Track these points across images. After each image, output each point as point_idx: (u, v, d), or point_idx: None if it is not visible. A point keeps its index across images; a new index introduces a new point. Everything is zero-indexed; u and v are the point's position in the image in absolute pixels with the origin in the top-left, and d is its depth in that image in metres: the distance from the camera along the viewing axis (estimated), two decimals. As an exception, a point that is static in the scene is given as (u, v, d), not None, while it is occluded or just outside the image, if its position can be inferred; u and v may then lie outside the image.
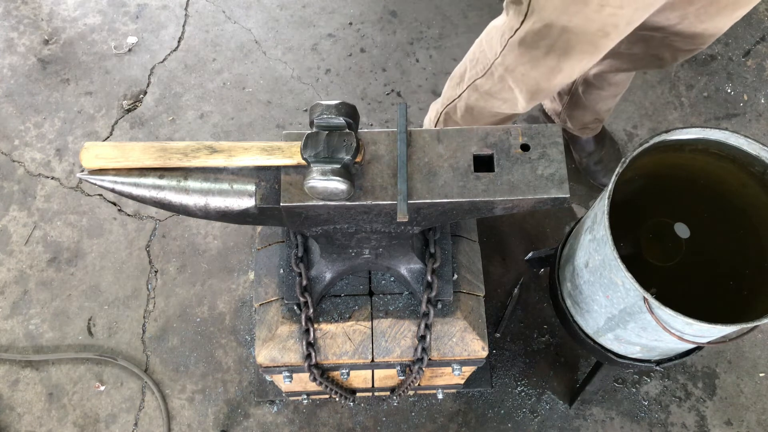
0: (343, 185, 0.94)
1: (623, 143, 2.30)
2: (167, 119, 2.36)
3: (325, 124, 0.99)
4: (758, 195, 1.30)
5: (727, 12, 1.34)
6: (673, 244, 1.52)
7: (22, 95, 2.40)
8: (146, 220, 2.19)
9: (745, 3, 1.32)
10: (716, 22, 1.38)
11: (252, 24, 2.53)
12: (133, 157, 1.01)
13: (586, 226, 1.37)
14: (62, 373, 2.00)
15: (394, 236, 1.15)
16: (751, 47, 2.46)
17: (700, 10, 1.35)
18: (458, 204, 1.01)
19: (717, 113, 2.35)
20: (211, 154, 1.02)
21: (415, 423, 1.93)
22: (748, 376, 1.98)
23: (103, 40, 2.50)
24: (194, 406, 1.95)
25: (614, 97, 1.89)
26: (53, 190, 2.25)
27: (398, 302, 1.35)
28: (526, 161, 1.02)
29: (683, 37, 1.43)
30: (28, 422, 1.94)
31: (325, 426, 1.93)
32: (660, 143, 1.25)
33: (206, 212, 1.06)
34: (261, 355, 1.36)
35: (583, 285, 1.40)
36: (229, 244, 2.15)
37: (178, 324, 2.05)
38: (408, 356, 1.37)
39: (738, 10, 1.34)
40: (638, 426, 1.93)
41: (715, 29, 1.40)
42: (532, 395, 1.97)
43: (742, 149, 1.25)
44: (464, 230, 1.45)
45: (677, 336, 1.21)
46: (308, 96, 2.39)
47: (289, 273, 1.34)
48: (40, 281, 2.11)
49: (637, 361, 1.49)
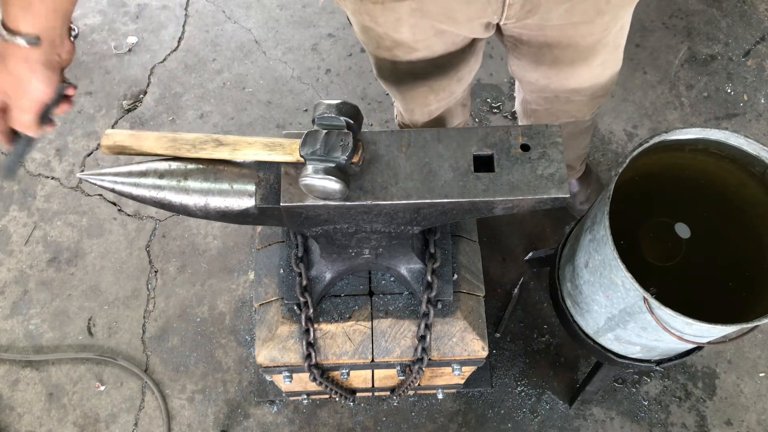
0: (337, 185, 0.94)
1: (623, 143, 2.30)
2: (167, 119, 2.36)
3: (325, 123, 0.99)
4: (758, 195, 1.30)
5: (579, 65, 1.34)
6: (673, 244, 1.52)
7: (22, 95, 2.40)
8: (146, 220, 2.19)
9: (588, 54, 1.31)
10: (576, 77, 1.39)
11: (252, 24, 2.53)
12: (147, 146, 1.04)
13: (586, 226, 1.37)
14: (62, 373, 2.00)
15: (394, 236, 1.15)
16: (751, 47, 2.46)
17: (553, 69, 1.36)
18: (458, 204, 1.01)
19: (717, 113, 2.35)
20: (217, 147, 1.03)
21: (415, 423, 1.93)
22: (748, 376, 1.98)
23: (103, 40, 2.50)
24: (194, 406, 1.95)
25: (570, 149, 1.88)
26: (53, 190, 2.25)
27: (398, 302, 1.35)
28: (526, 161, 1.02)
29: (565, 92, 1.46)
30: (28, 422, 1.94)
31: (325, 426, 1.93)
32: (660, 143, 1.25)
33: (206, 212, 1.06)
34: (261, 355, 1.36)
35: (583, 285, 1.40)
36: (229, 244, 2.15)
37: (178, 324, 2.05)
38: (408, 356, 1.37)
39: (588, 61, 1.33)
40: (638, 426, 1.93)
41: (584, 84, 1.41)
42: (532, 395, 1.97)
43: (742, 149, 1.25)
44: (464, 230, 1.45)
45: (677, 336, 1.21)
46: (308, 96, 2.39)
47: (289, 273, 1.34)
48: (40, 281, 2.12)
49: (637, 361, 1.49)
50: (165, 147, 1.04)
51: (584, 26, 1.21)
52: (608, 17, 1.20)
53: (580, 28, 1.21)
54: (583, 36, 1.24)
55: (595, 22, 1.20)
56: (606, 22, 1.22)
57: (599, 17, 1.19)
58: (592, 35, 1.25)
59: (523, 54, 1.36)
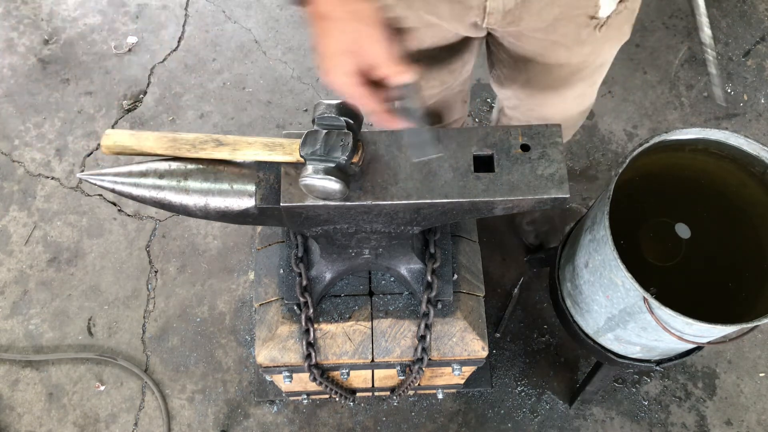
0: (336, 185, 0.94)
1: (623, 143, 2.30)
2: (167, 119, 2.36)
3: (325, 123, 0.99)
4: (758, 195, 1.30)
5: (550, 94, 1.35)
6: (673, 244, 1.52)
7: (22, 95, 2.40)
8: (146, 220, 2.19)
9: (564, 86, 1.32)
10: (547, 107, 1.40)
11: (252, 24, 2.53)
12: (147, 146, 1.04)
13: (586, 226, 1.37)
14: (62, 373, 2.00)
15: (394, 236, 1.15)
16: (751, 47, 2.46)
17: (525, 91, 1.37)
18: (458, 204, 1.01)
19: (717, 113, 2.35)
20: (217, 147, 1.03)
21: (415, 423, 1.93)
22: (748, 376, 1.98)
23: (103, 40, 2.50)
24: (194, 406, 1.95)
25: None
26: (53, 190, 2.25)
27: (398, 302, 1.35)
28: (526, 161, 1.02)
29: (533, 119, 1.47)
30: (28, 422, 1.94)
31: (325, 426, 1.93)
32: (660, 143, 1.25)
33: (206, 212, 1.06)
34: (261, 355, 1.36)
35: (583, 285, 1.40)
36: (229, 244, 2.15)
37: (178, 324, 2.05)
38: (408, 356, 1.37)
39: (560, 92, 1.34)
40: (638, 426, 1.93)
41: (555, 115, 1.42)
42: (532, 395, 1.97)
43: (742, 149, 1.25)
44: (464, 230, 1.45)
45: (677, 336, 1.21)
46: (308, 96, 2.39)
47: (289, 273, 1.34)
48: (40, 281, 2.12)
49: (637, 361, 1.49)
50: (165, 147, 1.04)
51: (562, 51, 1.20)
52: (588, 49, 1.20)
53: (558, 52, 1.21)
54: (560, 62, 1.24)
55: (573, 50, 1.20)
56: (585, 54, 1.22)
57: (578, 46, 1.19)
58: (569, 65, 1.25)
59: (502, 62, 1.36)
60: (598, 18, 1.12)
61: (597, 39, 1.17)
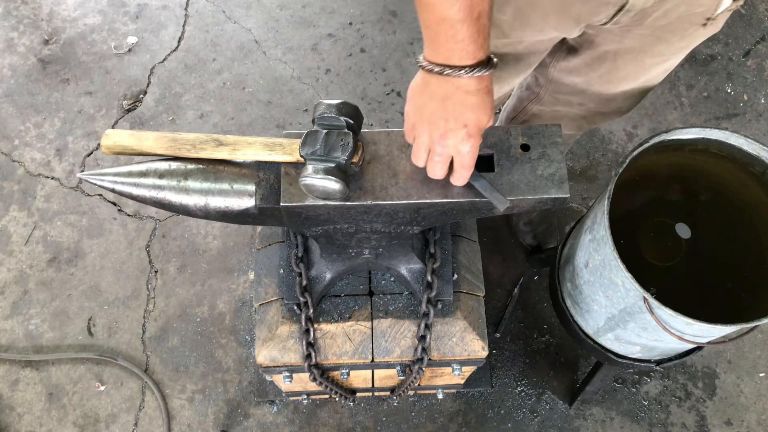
0: (336, 185, 0.94)
1: (623, 143, 2.30)
2: (167, 119, 2.36)
3: (325, 123, 0.99)
4: (758, 195, 1.30)
5: (630, 80, 1.34)
6: (673, 244, 1.52)
7: (22, 95, 2.40)
8: (146, 220, 2.19)
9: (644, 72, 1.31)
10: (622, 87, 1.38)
11: (252, 24, 2.53)
12: (147, 145, 1.04)
13: (586, 226, 1.37)
14: (62, 373, 2.00)
15: (394, 236, 1.15)
16: (751, 47, 2.46)
17: (602, 80, 1.35)
18: (458, 204, 1.01)
19: (717, 113, 2.35)
20: (217, 147, 1.03)
21: (415, 423, 1.93)
22: (748, 376, 1.98)
23: (103, 40, 2.50)
24: (194, 406, 1.95)
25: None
26: (53, 190, 2.25)
27: (398, 302, 1.35)
28: (526, 161, 1.02)
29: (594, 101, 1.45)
30: (28, 422, 1.94)
31: (325, 426, 1.93)
32: (660, 143, 1.25)
33: (206, 212, 1.06)
34: (261, 355, 1.36)
35: (583, 285, 1.40)
36: (229, 244, 2.15)
37: (178, 324, 2.05)
38: (408, 356, 1.37)
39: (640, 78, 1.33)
40: (638, 426, 1.93)
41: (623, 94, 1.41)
42: (532, 395, 1.97)
43: (742, 149, 1.25)
44: (464, 230, 1.45)
45: (677, 336, 1.21)
46: (308, 96, 2.39)
47: (289, 273, 1.34)
48: (40, 281, 2.12)
49: (637, 361, 1.49)
50: (165, 147, 1.04)
51: (663, 45, 1.19)
52: (685, 42, 1.19)
53: (659, 47, 1.20)
54: (654, 56, 1.23)
55: (672, 44, 1.19)
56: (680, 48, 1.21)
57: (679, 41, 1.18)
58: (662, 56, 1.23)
59: (581, 57, 1.34)
60: (714, 18, 1.11)
61: (699, 34, 1.16)
